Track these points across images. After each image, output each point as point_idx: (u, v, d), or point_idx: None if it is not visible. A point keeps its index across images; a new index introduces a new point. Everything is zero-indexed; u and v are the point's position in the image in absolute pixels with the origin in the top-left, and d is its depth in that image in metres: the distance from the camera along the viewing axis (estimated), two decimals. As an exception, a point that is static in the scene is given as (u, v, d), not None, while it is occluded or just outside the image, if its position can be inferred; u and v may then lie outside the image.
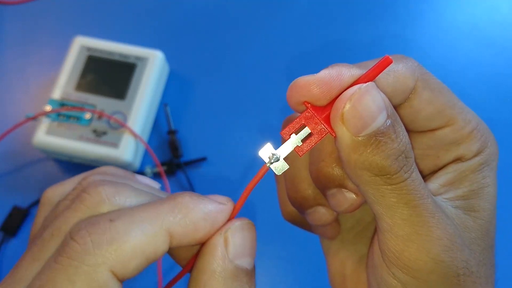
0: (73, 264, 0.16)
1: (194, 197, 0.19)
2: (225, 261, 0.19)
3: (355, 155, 0.19)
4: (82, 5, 0.68)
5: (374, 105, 0.18)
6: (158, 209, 0.18)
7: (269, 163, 0.20)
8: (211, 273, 0.18)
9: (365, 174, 0.19)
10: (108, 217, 0.17)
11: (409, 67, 0.21)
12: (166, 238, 0.18)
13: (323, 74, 0.19)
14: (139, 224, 0.17)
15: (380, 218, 0.20)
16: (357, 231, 0.28)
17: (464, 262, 0.20)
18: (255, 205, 0.54)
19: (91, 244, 0.16)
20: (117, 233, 0.17)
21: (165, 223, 0.18)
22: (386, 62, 0.19)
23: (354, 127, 0.18)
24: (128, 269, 0.17)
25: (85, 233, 0.16)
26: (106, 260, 0.16)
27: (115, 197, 0.18)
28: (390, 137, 0.19)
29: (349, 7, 0.67)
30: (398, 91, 0.21)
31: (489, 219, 0.22)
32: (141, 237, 0.17)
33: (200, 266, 0.19)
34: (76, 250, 0.16)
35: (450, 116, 0.22)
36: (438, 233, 0.19)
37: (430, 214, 0.19)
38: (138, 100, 0.55)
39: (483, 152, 0.23)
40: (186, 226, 0.18)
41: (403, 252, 0.20)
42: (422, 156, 0.24)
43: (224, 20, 0.67)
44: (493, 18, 0.66)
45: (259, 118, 0.60)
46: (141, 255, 0.17)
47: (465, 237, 0.21)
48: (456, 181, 0.22)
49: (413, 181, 0.19)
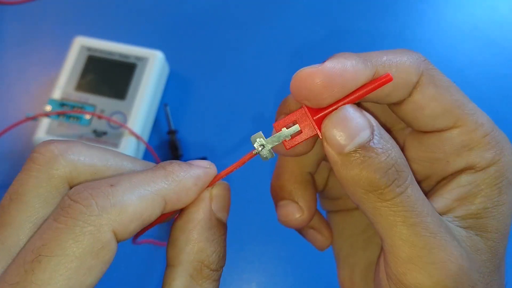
0: (78, 224, 0.16)
1: (182, 165, 0.20)
2: (210, 213, 0.20)
3: (343, 171, 0.19)
4: (82, 5, 0.68)
5: (354, 125, 0.19)
6: (154, 176, 0.19)
7: (256, 150, 0.22)
8: (197, 221, 0.20)
9: (358, 191, 0.19)
10: (109, 182, 0.18)
11: (413, 61, 0.21)
12: (161, 204, 0.19)
13: (327, 67, 0.19)
14: (138, 189, 0.18)
15: (382, 239, 0.20)
16: (367, 236, 0.27)
17: (470, 287, 0.19)
18: (256, 205, 0.54)
19: (95, 206, 0.17)
20: (120, 196, 0.17)
21: (160, 189, 0.19)
22: (386, 80, 0.20)
23: (336, 145, 0.19)
24: (127, 231, 0.17)
25: (87, 195, 0.17)
26: (110, 222, 0.17)
27: (68, 152, 0.19)
28: (376, 152, 0.18)
29: (349, 7, 0.67)
30: (400, 85, 0.21)
31: (500, 240, 0.21)
32: (141, 202, 0.18)
33: (187, 216, 0.20)
34: (81, 211, 0.16)
35: (458, 116, 0.21)
36: (441, 256, 0.18)
37: (431, 234, 0.19)
38: (138, 100, 0.55)
39: (499, 162, 0.21)
40: (179, 192, 0.19)
41: (405, 276, 0.19)
42: (431, 160, 0.23)
43: (224, 20, 0.67)
44: (493, 18, 0.66)
45: (259, 118, 0.60)
46: (139, 218, 0.18)
47: (475, 259, 0.20)
48: (470, 196, 0.21)
49: (409, 197, 0.19)
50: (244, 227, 0.53)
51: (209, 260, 0.20)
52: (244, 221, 0.53)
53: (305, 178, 0.25)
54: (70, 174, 0.19)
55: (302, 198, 0.24)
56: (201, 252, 0.20)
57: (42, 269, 0.16)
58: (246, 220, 0.53)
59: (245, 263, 0.52)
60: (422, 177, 0.24)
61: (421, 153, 0.23)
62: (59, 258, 0.16)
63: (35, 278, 0.16)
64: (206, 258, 0.20)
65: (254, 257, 0.52)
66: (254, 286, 0.51)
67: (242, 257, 0.52)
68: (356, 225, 0.28)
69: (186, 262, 0.19)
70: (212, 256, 0.20)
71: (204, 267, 0.20)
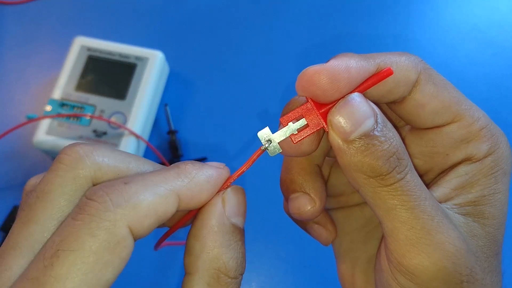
0: (94, 220, 0.17)
1: (196, 164, 0.21)
2: (223, 218, 0.20)
3: (347, 157, 0.20)
4: (82, 5, 0.68)
5: (360, 112, 0.20)
6: (167, 174, 0.19)
7: (264, 146, 0.22)
8: (210, 227, 0.20)
9: (359, 176, 0.20)
10: (123, 180, 0.18)
11: (411, 61, 0.22)
12: (175, 200, 0.19)
13: (332, 65, 0.20)
14: (152, 186, 0.18)
15: (382, 222, 0.21)
16: (367, 230, 0.28)
17: (468, 270, 0.20)
18: (256, 205, 0.54)
19: (110, 203, 0.17)
20: (134, 193, 0.18)
21: (174, 186, 0.19)
22: (387, 73, 0.21)
23: (342, 132, 0.20)
24: (143, 227, 0.18)
25: (103, 193, 0.17)
26: (124, 217, 0.17)
27: (93, 153, 0.19)
28: (379, 140, 0.19)
29: (349, 7, 0.67)
30: (401, 83, 0.22)
31: (497, 227, 0.22)
32: (154, 198, 0.18)
33: (199, 223, 0.20)
34: (97, 208, 0.17)
35: (456, 111, 0.22)
36: (439, 237, 0.19)
37: (428, 216, 0.20)
38: (138, 100, 0.55)
39: (495, 153, 0.22)
40: (193, 189, 0.20)
41: (404, 257, 0.20)
42: (431, 154, 0.24)
43: (224, 20, 0.67)
44: (493, 18, 0.66)
45: (259, 118, 0.60)
46: (154, 214, 0.18)
47: (472, 244, 0.21)
48: (467, 185, 0.22)
49: (408, 182, 0.20)
50: (244, 227, 0.53)
51: (226, 267, 0.19)
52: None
53: (314, 169, 0.25)
54: (95, 174, 0.19)
55: (313, 189, 0.25)
56: (217, 259, 0.19)
57: (60, 264, 0.16)
58: (246, 220, 0.53)
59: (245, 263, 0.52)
60: (423, 171, 0.25)
61: (421, 148, 0.24)
62: (76, 253, 0.16)
63: (54, 272, 0.16)
64: (223, 265, 0.19)
65: (254, 257, 0.52)
66: (254, 286, 0.51)
67: (242, 257, 0.52)
68: (356, 221, 0.28)
69: (202, 269, 0.19)
70: (229, 263, 0.19)
71: (221, 275, 0.19)
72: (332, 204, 0.30)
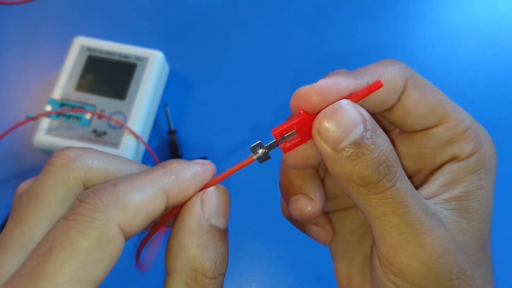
0: (85, 219, 0.17)
1: (181, 162, 0.21)
2: (200, 219, 0.20)
3: (336, 166, 0.20)
4: (82, 5, 0.68)
5: (349, 119, 0.20)
6: (153, 174, 0.20)
7: (255, 155, 0.23)
8: (187, 228, 0.20)
9: (350, 184, 0.20)
10: (112, 183, 0.19)
11: (397, 69, 0.23)
12: (163, 198, 0.20)
13: (321, 84, 0.21)
14: (140, 186, 0.19)
15: (372, 226, 0.21)
16: (363, 231, 0.28)
17: (458, 267, 0.20)
18: (256, 205, 0.54)
19: (101, 204, 0.18)
20: (123, 193, 0.18)
21: (161, 184, 0.20)
22: (377, 86, 0.21)
23: (331, 141, 0.20)
24: (133, 225, 0.18)
25: (94, 196, 0.18)
26: (115, 216, 0.18)
27: (83, 156, 0.20)
28: (368, 148, 0.19)
29: (349, 7, 0.67)
30: (390, 92, 0.23)
31: (482, 221, 0.23)
32: (143, 197, 0.19)
33: (178, 223, 0.21)
34: (89, 209, 0.18)
35: (442, 114, 0.23)
36: (428, 240, 0.20)
37: (418, 221, 0.20)
38: (138, 100, 0.55)
39: (478, 152, 0.23)
40: (179, 185, 0.20)
41: (394, 258, 0.20)
42: (420, 156, 0.25)
43: (224, 20, 0.67)
44: (493, 18, 0.66)
45: (259, 118, 0.60)
46: (143, 212, 0.19)
47: (459, 240, 0.21)
48: (453, 182, 0.23)
49: (398, 189, 0.20)
50: (244, 227, 0.53)
51: (204, 268, 0.19)
52: (244, 221, 0.53)
53: (311, 171, 0.26)
54: (85, 176, 0.20)
55: (312, 190, 0.25)
56: (194, 259, 0.19)
57: (53, 260, 0.17)
58: (246, 220, 0.53)
59: (245, 263, 0.52)
60: (413, 172, 0.26)
61: (410, 150, 0.26)
62: (68, 250, 0.17)
63: (46, 268, 0.16)
64: (200, 266, 0.19)
65: (254, 257, 0.52)
66: (254, 286, 0.51)
67: (242, 257, 0.52)
68: (351, 223, 0.29)
69: (181, 270, 0.20)
70: (206, 264, 0.19)
71: (198, 275, 0.19)
72: (328, 207, 0.30)
